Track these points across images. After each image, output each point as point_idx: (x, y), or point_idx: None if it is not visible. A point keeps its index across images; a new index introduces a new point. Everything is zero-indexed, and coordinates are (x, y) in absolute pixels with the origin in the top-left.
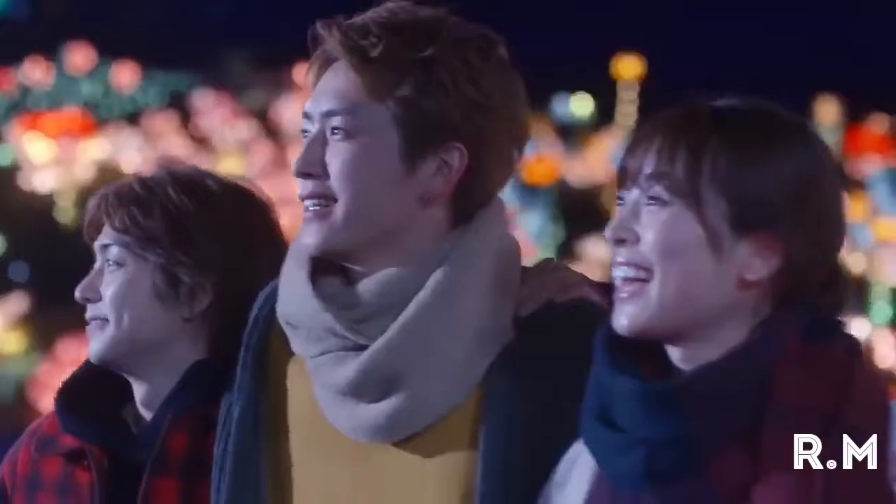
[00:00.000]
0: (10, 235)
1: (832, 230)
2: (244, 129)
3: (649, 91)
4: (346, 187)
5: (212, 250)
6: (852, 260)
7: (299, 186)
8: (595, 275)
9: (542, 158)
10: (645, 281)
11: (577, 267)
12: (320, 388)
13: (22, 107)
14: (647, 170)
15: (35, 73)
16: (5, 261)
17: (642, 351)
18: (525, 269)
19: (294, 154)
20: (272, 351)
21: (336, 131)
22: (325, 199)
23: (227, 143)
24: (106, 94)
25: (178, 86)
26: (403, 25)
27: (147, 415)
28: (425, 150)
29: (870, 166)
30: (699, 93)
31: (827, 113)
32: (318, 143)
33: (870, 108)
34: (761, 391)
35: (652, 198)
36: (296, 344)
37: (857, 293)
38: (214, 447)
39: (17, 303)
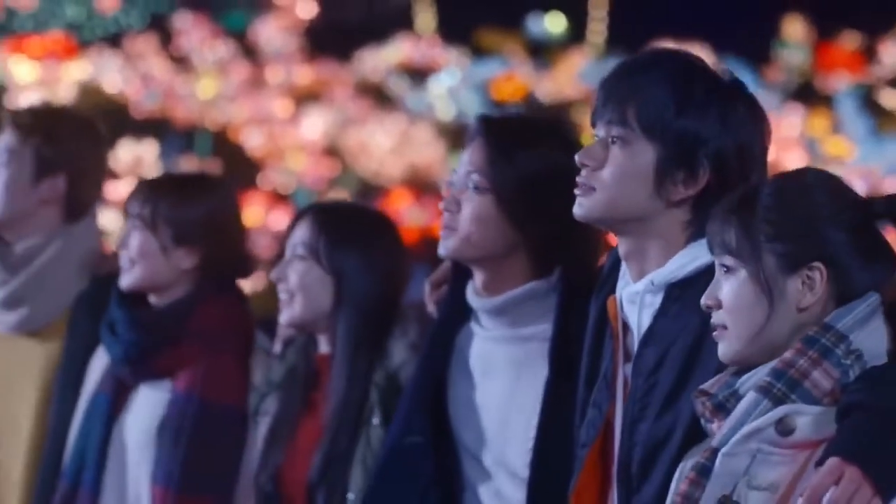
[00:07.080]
0: None
1: (233, 242)
2: (222, 49)
3: (619, 9)
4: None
5: None
6: None
7: None
8: None
9: (512, 76)
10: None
11: None
12: None
13: (8, 29)
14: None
15: None
16: None
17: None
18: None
19: (272, 73)
20: None
21: None
22: None
23: (205, 62)
24: (89, 17)
25: (159, 7)
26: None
27: None
28: (42, 178)
29: (839, 83)
30: (663, 13)
31: (794, 31)
32: None
33: (840, 25)
34: (185, 321)
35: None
36: None
37: None
38: None
39: None
